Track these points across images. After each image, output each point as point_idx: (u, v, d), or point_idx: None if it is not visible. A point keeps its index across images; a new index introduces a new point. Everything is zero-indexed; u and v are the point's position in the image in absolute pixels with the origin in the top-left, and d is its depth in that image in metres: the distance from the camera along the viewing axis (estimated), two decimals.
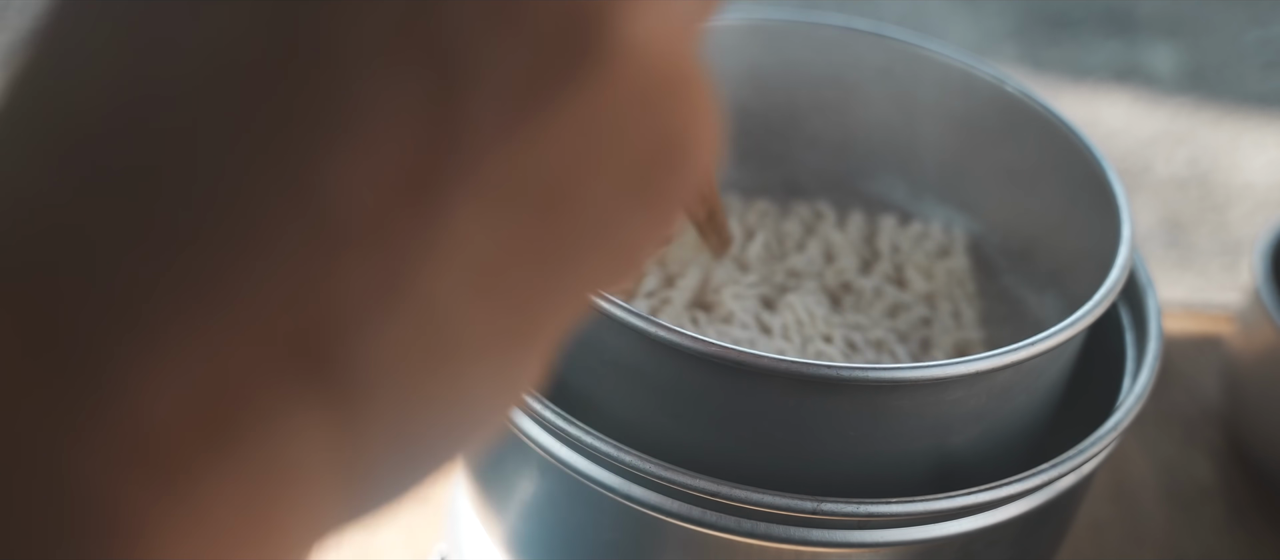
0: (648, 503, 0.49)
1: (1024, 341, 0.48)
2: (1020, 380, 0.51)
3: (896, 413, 0.48)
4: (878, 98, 0.67)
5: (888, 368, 0.47)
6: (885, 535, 0.48)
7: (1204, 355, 0.93)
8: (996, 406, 0.51)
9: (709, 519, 0.48)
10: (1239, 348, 0.83)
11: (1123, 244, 0.54)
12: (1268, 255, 0.82)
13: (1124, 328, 0.59)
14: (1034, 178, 0.63)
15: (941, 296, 0.62)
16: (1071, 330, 0.49)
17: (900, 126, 0.67)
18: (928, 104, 0.66)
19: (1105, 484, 0.82)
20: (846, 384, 0.47)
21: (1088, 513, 0.80)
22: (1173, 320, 0.95)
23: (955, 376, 0.47)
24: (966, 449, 0.51)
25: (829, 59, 0.66)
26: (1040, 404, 0.54)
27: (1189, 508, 0.82)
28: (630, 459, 0.48)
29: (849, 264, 0.63)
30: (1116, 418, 0.52)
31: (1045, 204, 0.63)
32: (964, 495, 0.48)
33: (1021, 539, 0.52)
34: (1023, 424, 0.53)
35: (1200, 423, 0.88)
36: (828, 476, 0.50)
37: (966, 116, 0.65)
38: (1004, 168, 0.65)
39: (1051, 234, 0.63)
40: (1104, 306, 0.51)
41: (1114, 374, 0.58)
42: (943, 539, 0.49)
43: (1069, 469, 0.50)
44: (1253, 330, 0.80)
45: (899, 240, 0.65)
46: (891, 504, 0.47)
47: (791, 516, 0.47)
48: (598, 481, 0.50)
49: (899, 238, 0.66)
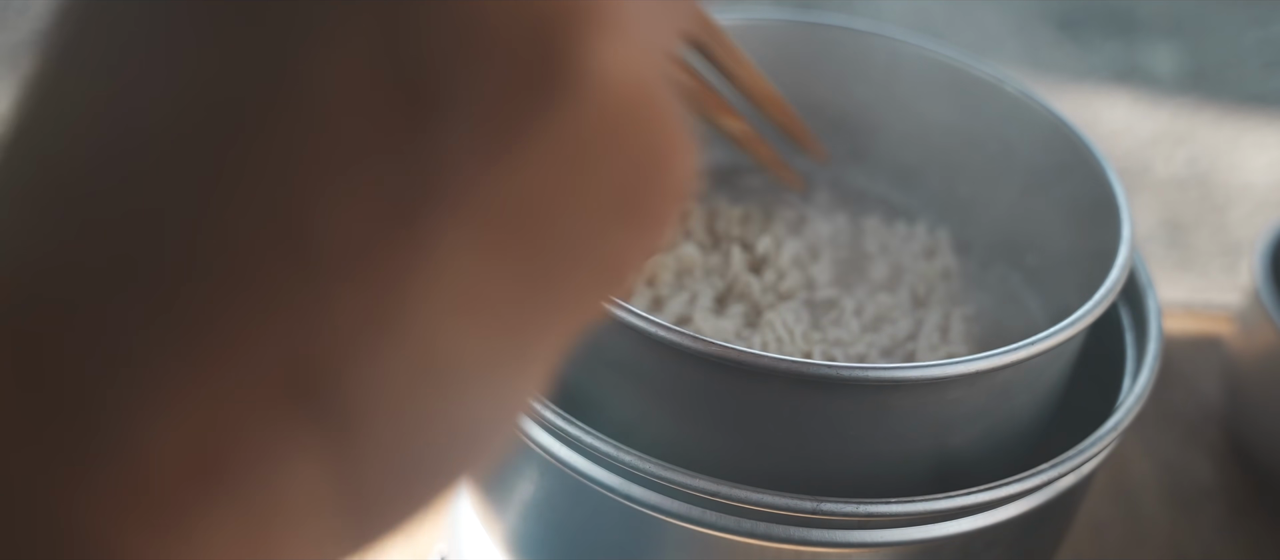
0: (648, 503, 0.49)
1: (1024, 341, 0.48)
2: (1020, 380, 0.51)
3: (896, 413, 0.48)
4: (877, 98, 0.67)
5: (888, 367, 0.47)
6: (885, 535, 0.48)
7: (1204, 355, 0.93)
8: (996, 406, 0.51)
9: (709, 519, 0.48)
10: (1239, 348, 0.83)
11: (1123, 244, 0.54)
12: (1268, 255, 0.82)
13: (1124, 328, 0.59)
14: (1034, 178, 0.63)
15: (932, 304, 0.62)
16: (1071, 330, 0.49)
17: (900, 126, 0.67)
18: (927, 104, 0.66)
19: (1105, 484, 0.82)
20: (846, 384, 0.47)
21: (1088, 513, 0.80)
22: (1173, 320, 0.95)
23: (955, 376, 0.47)
24: (966, 449, 0.51)
25: (829, 59, 0.66)
26: (1040, 404, 0.54)
27: (1189, 508, 0.82)
28: (630, 459, 0.48)
29: (827, 277, 0.62)
30: (1116, 418, 0.52)
31: (1045, 204, 0.63)
32: (964, 495, 0.48)
33: (1021, 539, 0.52)
34: (1023, 424, 0.53)
35: (1200, 423, 0.88)
36: (828, 476, 0.50)
37: (966, 116, 0.65)
38: (1004, 167, 0.65)
39: (1051, 234, 0.63)
40: (1104, 306, 0.51)
41: (1114, 374, 0.58)
42: (943, 539, 0.49)
43: (1069, 469, 0.50)
44: (1253, 330, 0.80)
45: (887, 241, 0.65)
46: (891, 504, 0.47)
47: (791, 516, 0.47)
48: (598, 481, 0.50)
49: (887, 238, 0.65)
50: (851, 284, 0.62)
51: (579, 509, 0.52)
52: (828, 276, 0.62)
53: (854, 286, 0.62)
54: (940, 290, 0.62)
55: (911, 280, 0.62)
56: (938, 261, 0.64)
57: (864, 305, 0.60)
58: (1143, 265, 0.59)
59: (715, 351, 0.46)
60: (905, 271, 0.63)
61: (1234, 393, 0.85)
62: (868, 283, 0.62)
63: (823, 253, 0.64)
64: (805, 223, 0.66)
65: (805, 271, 0.62)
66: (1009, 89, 0.63)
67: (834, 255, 0.64)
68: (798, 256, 0.63)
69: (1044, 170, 0.62)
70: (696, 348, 0.46)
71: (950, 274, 0.64)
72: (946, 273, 0.64)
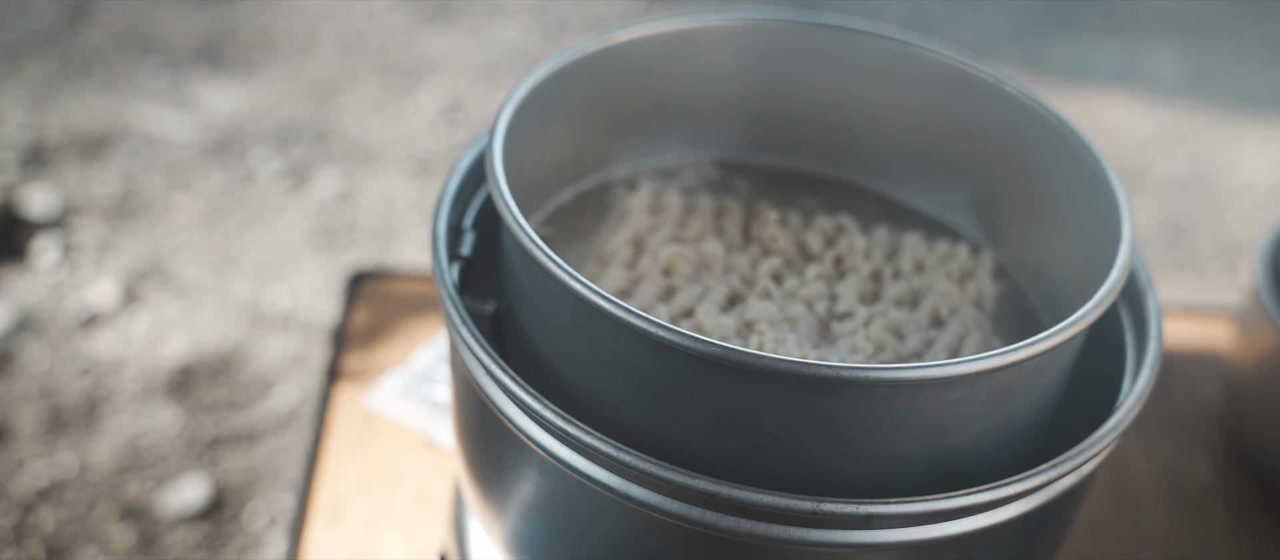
0: (648, 503, 0.49)
1: (1024, 341, 0.48)
2: (1020, 380, 0.51)
3: (896, 413, 0.48)
4: (877, 98, 0.67)
5: (888, 367, 0.47)
6: (885, 535, 0.48)
7: (1204, 355, 0.93)
8: (996, 406, 0.51)
9: (709, 519, 0.48)
10: (1239, 348, 0.83)
11: (1123, 244, 0.54)
12: (1268, 255, 0.82)
13: (1124, 328, 0.59)
14: (1034, 178, 0.63)
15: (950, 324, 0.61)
16: (1071, 330, 0.49)
17: (900, 127, 0.67)
18: (927, 104, 0.65)
19: (1105, 484, 0.82)
20: (846, 384, 0.47)
21: (1088, 513, 0.80)
22: (1173, 320, 0.95)
23: (955, 376, 0.47)
24: (966, 449, 0.51)
25: (829, 59, 0.66)
26: (1040, 404, 0.54)
27: (1189, 508, 0.82)
28: (630, 459, 0.48)
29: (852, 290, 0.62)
30: (1116, 418, 0.52)
31: (1045, 204, 0.63)
32: (964, 495, 0.48)
33: (1022, 539, 0.52)
34: (1023, 424, 0.53)
35: (1200, 423, 0.88)
36: (828, 476, 0.50)
37: (966, 117, 0.65)
38: (1003, 167, 0.64)
39: (1051, 234, 0.63)
40: (1104, 306, 0.51)
41: (1114, 374, 0.58)
42: (943, 539, 0.49)
43: (1069, 469, 0.50)
44: (1253, 330, 0.80)
45: (924, 258, 0.64)
46: (891, 504, 0.47)
47: (791, 516, 0.47)
48: (598, 481, 0.50)
49: (924, 256, 0.64)
50: (872, 299, 0.62)
51: (579, 509, 0.52)
52: (852, 290, 0.61)
53: (874, 301, 0.62)
54: (967, 315, 0.61)
55: (934, 301, 0.61)
56: (972, 286, 0.63)
57: (875, 318, 0.59)
58: (1143, 265, 0.59)
59: (715, 352, 0.46)
60: (929, 291, 0.62)
61: (1234, 393, 0.85)
62: (888, 298, 0.62)
63: (854, 266, 0.63)
64: (843, 233, 0.65)
65: (831, 285, 0.62)
66: (1009, 89, 0.63)
67: (866, 268, 0.63)
68: (823, 272, 0.62)
69: (1043, 170, 0.62)
70: (696, 348, 0.46)
71: (984, 301, 0.63)
72: (979, 300, 0.63)
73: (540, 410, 0.49)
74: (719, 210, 0.66)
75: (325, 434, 0.81)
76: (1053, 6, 2.24)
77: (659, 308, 0.58)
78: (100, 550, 1.16)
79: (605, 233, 0.63)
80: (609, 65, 0.63)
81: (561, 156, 0.64)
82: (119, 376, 1.34)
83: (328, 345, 0.92)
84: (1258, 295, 0.79)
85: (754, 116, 0.69)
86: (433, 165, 1.70)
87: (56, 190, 1.57)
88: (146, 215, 1.56)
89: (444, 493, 0.78)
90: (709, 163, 0.70)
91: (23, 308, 1.40)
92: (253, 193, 1.62)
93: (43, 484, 1.21)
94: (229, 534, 1.20)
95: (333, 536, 0.75)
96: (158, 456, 1.26)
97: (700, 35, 0.65)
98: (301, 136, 1.73)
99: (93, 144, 1.66)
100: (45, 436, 1.26)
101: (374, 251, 1.55)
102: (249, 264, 1.51)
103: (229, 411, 1.32)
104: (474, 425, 0.56)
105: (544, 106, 0.60)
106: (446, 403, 0.83)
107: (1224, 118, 2.01)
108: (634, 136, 0.67)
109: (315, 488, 0.78)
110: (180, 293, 1.46)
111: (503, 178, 0.53)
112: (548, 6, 2.06)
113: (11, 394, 1.30)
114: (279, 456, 1.27)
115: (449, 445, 0.81)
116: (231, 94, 1.79)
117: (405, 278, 0.94)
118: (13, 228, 1.51)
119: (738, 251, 0.63)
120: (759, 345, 0.57)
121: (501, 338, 0.58)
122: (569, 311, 0.50)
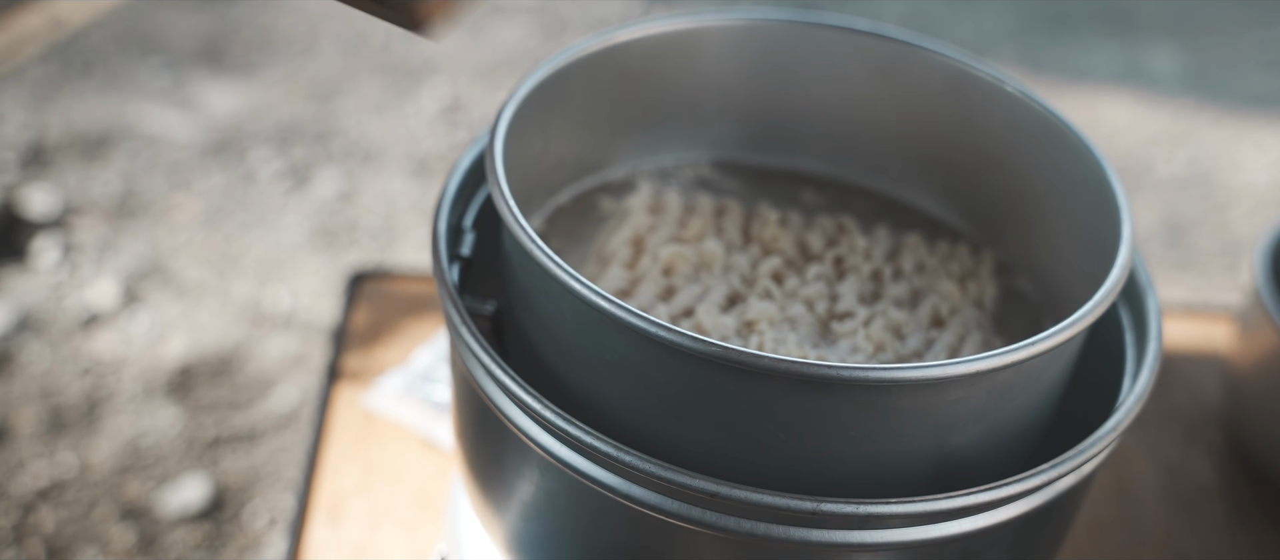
0: (648, 503, 0.49)
1: (1024, 341, 0.48)
2: (1020, 380, 0.51)
3: (896, 413, 0.48)
4: (877, 98, 0.67)
5: (888, 368, 0.47)
6: (885, 535, 0.48)
7: (1204, 355, 0.93)
8: (996, 406, 0.51)
9: (709, 519, 0.48)
10: (1239, 348, 0.83)
11: (1123, 244, 0.54)
12: (1268, 255, 0.82)
13: (1124, 328, 0.59)
14: (1034, 178, 0.63)
15: (950, 324, 0.61)
16: (1071, 330, 0.49)
17: (900, 127, 0.67)
18: (927, 104, 0.66)
19: (1105, 484, 0.82)
20: (846, 384, 0.47)
21: (1088, 513, 0.80)
22: (1173, 320, 0.95)
23: (955, 376, 0.47)
24: (966, 449, 0.51)
25: (829, 59, 0.66)
26: (1040, 404, 0.54)
27: (1189, 508, 0.82)
28: (630, 459, 0.48)
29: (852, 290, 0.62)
30: (1116, 418, 0.52)
31: (1045, 204, 0.63)
32: (964, 495, 0.48)
33: (1022, 539, 0.52)
34: (1023, 424, 0.53)
35: (1200, 423, 0.88)
36: (828, 476, 0.50)
37: (966, 116, 0.65)
38: (1003, 167, 0.64)
39: (1052, 234, 0.63)
40: (1104, 306, 0.51)
41: (1114, 374, 0.58)
42: (943, 539, 0.49)
43: (1069, 469, 0.50)
44: (1253, 330, 0.80)
45: (924, 259, 0.64)
46: (891, 504, 0.47)
47: (791, 516, 0.47)
48: (598, 481, 0.50)
49: (924, 257, 0.64)
50: (873, 299, 0.62)
51: (579, 509, 0.52)
52: (853, 290, 0.62)
53: (874, 301, 0.61)
54: (968, 315, 0.62)
55: (935, 300, 0.61)
56: (972, 286, 0.63)
57: (875, 318, 0.59)
58: (1143, 265, 0.59)
59: (715, 351, 0.46)
60: (930, 291, 0.62)
61: (1234, 392, 0.85)
62: (888, 298, 0.62)
63: (855, 266, 0.63)
64: (843, 233, 0.65)
65: (831, 285, 0.62)
66: (1009, 89, 0.63)
67: (866, 269, 0.63)
68: (824, 272, 0.62)
69: (1043, 170, 0.62)
70: (696, 348, 0.46)
71: (984, 302, 0.63)
72: (979, 300, 0.63)
73: (540, 410, 0.49)
74: (719, 210, 0.66)
75: (325, 434, 0.81)
76: (1053, 6, 2.24)
77: (659, 308, 0.58)
78: (100, 550, 1.16)
79: (605, 233, 0.63)
80: (609, 65, 0.63)
81: (561, 156, 0.64)
82: (119, 376, 1.34)
83: (328, 345, 0.92)
84: (1258, 295, 0.79)
85: (754, 116, 0.69)
86: (433, 165, 1.70)
87: (57, 190, 1.57)
88: (147, 215, 1.56)
89: (444, 493, 0.78)
90: (709, 162, 0.70)
91: (23, 308, 1.40)
92: (253, 193, 1.62)
93: (43, 484, 1.21)
94: (229, 534, 1.20)
95: (333, 536, 0.75)
96: (158, 456, 1.26)
97: (700, 35, 0.65)
98: (302, 136, 1.73)
99: (93, 144, 1.66)
100: (45, 436, 1.26)
101: (374, 251, 1.55)
102: (249, 264, 1.51)
103: (229, 411, 1.32)
104: (474, 425, 0.57)
105: (544, 106, 0.60)
106: (446, 403, 0.83)
107: (1224, 118, 2.01)
108: (634, 136, 0.67)
109: (315, 488, 0.78)
110: (180, 293, 1.46)
111: (503, 178, 0.53)
112: (548, 6, 2.06)
113: (11, 394, 1.30)
114: (279, 456, 1.27)
115: (449, 445, 0.81)
116: (232, 94, 1.79)
117: (405, 278, 0.95)
118: (13, 228, 1.51)
119: (738, 251, 0.63)
120: (759, 345, 0.57)
121: (501, 338, 0.58)
122: (569, 311, 0.50)
